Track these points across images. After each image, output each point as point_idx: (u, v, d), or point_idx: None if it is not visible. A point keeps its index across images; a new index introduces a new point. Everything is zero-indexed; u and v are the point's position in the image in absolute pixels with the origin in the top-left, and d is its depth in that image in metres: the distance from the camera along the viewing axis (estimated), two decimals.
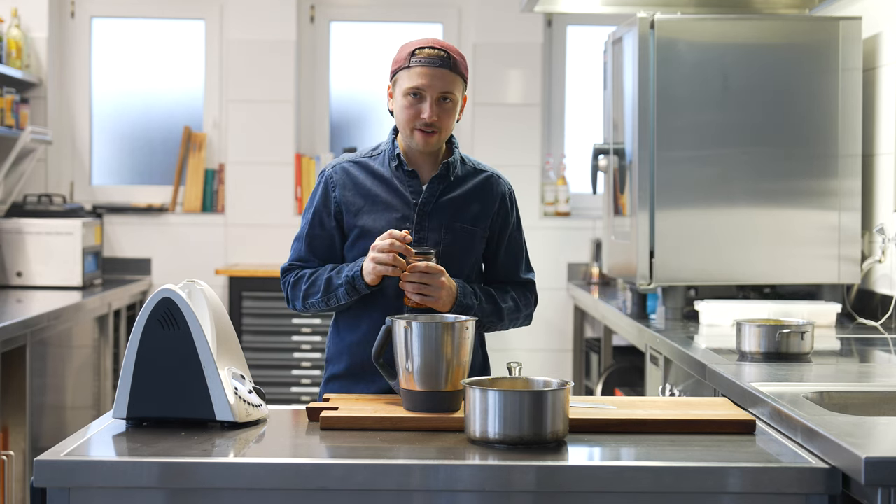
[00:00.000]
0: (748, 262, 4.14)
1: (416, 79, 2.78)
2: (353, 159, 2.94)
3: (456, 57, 2.81)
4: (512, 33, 6.31)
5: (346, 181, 2.90)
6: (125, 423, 2.39)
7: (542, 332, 6.35)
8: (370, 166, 2.90)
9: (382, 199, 2.86)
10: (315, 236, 2.90)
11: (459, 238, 2.85)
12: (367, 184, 2.88)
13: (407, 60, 2.80)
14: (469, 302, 2.78)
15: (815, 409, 2.35)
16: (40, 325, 4.43)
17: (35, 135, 5.69)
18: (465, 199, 2.87)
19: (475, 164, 2.95)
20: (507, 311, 2.89)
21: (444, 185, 2.87)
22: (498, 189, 2.92)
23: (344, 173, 2.90)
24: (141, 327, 2.38)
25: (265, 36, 6.30)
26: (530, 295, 2.97)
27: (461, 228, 2.86)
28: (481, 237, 2.88)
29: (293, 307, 2.91)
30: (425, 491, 2.08)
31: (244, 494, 2.09)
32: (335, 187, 2.90)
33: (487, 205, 2.89)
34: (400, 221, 2.84)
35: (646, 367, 3.93)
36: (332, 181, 2.90)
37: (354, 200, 2.88)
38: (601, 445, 2.25)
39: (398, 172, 2.87)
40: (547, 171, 6.42)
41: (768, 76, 4.12)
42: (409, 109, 2.80)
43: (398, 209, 2.85)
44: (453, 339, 2.43)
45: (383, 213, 2.85)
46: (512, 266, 2.95)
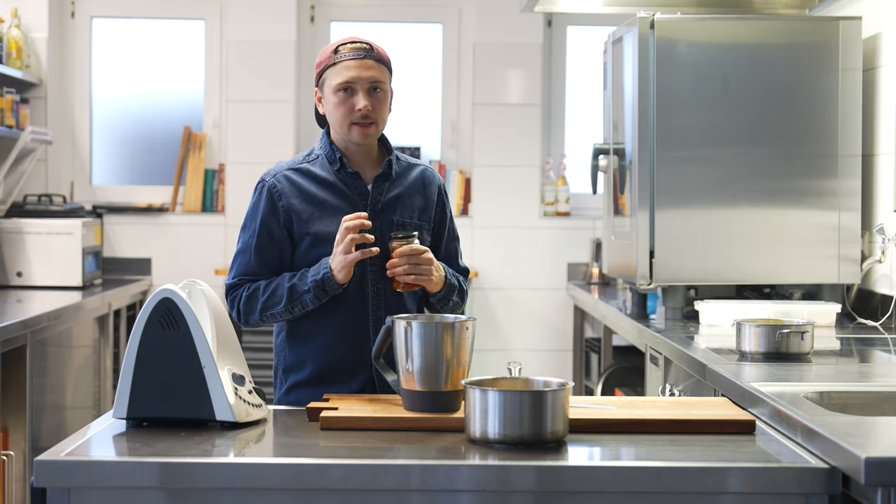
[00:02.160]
0: (748, 262, 4.14)
1: (345, 73, 2.80)
2: (292, 167, 2.93)
3: (380, 50, 2.85)
4: (512, 33, 6.30)
5: (290, 189, 2.88)
6: (125, 423, 2.39)
7: (542, 332, 6.35)
8: (312, 172, 2.90)
9: (331, 203, 2.86)
10: (264, 247, 2.87)
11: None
12: (313, 190, 2.88)
13: (332, 58, 2.83)
14: (452, 281, 2.87)
15: (815, 409, 2.35)
16: (40, 325, 4.43)
17: (35, 135, 5.69)
18: (409, 194, 2.91)
19: (406, 158, 2.99)
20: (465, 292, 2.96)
21: (387, 182, 2.90)
22: (434, 182, 2.98)
23: (287, 181, 2.88)
24: (141, 327, 2.38)
25: (265, 36, 6.30)
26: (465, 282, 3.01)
27: (411, 224, 2.89)
28: (427, 230, 2.92)
29: (245, 322, 2.87)
30: (425, 491, 2.08)
31: (244, 494, 2.09)
32: (280, 196, 2.87)
33: (428, 198, 2.94)
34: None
35: (646, 367, 3.93)
36: (275, 190, 2.88)
37: (303, 208, 2.86)
38: (601, 445, 2.25)
39: (341, 175, 2.88)
40: (547, 171, 6.42)
41: (768, 76, 4.12)
42: (342, 106, 2.82)
43: (348, 211, 2.84)
44: (453, 339, 2.43)
45: (335, 218, 2.84)
46: (453, 255, 3.01)
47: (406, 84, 6.53)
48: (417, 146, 6.38)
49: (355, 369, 2.84)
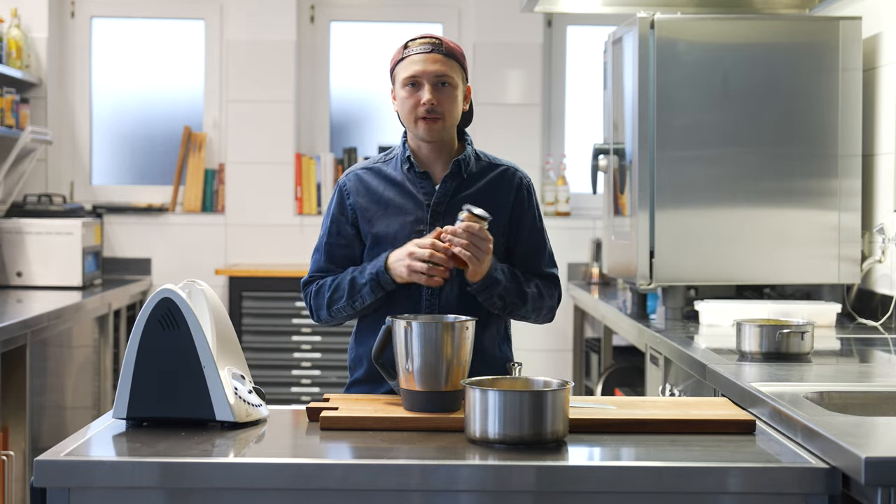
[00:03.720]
0: (748, 262, 4.13)
1: (411, 67, 2.79)
2: (367, 166, 2.94)
3: (450, 44, 2.82)
4: (512, 33, 6.30)
5: (359, 188, 2.89)
6: (125, 423, 2.39)
7: (542, 332, 6.35)
8: (383, 171, 2.90)
9: (395, 203, 2.86)
10: (334, 245, 2.90)
11: None
12: (380, 189, 2.88)
13: (401, 53, 2.82)
14: (498, 276, 2.77)
15: (815, 409, 2.35)
16: (40, 325, 4.43)
17: (35, 135, 5.69)
18: (479, 195, 2.85)
19: (491, 159, 2.93)
20: (531, 295, 2.84)
21: (456, 183, 2.85)
22: (513, 182, 2.90)
23: (357, 180, 2.90)
24: (141, 327, 2.38)
25: (265, 36, 6.30)
26: (553, 288, 2.92)
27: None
28: (498, 233, 2.84)
29: (318, 318, 2.90)
30: (425, 491, 2.08)
31: (244, 494, 2.09)
32: (349, 195, 2.89)
33: (502, 199, 2.87)
34: (413, 224, 2.83)
35: (646, 367, 3.93)
36: (345, 189, 2.90)
37: (369, 207, 2.87)
38: (601, 445, 2.25)
39: (410, 175, 2.86)
40: (547, 171, 6.42)
41: (768, 76, 4.12)
42: (408, 99, 2.80)
43: (411, 212, 2.84)
44: (453, 339, 2.43)
45: (396, 218, 2.84)
46: (533, 259, 2.91)
47: None
48: None
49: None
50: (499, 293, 2.78)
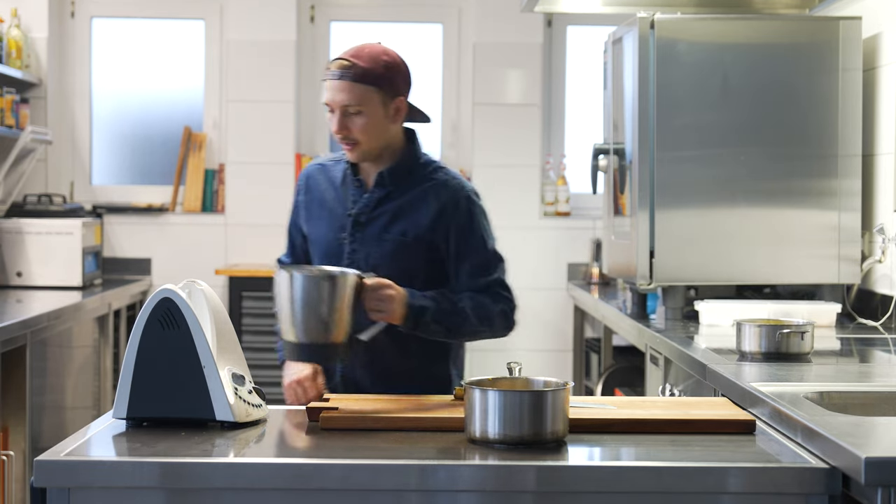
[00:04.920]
0: (748, 262, 4.13)
1: (326, 93, 2.78)
2: (323, 162, 2.96)
3: (363, 65, 2.74)
4: (512, 33, 6.30)
5: (309, 185, 2.93)
6: (125, 423, 2.39)
7: (542, 332, 6.35)
8: (329, 171, 2.91)
9: (329, 206, 2.87)
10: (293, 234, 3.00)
11: (391, 249, 2.79)
12: (322, 189, 2.90)
13: (324, 73, 2.81)
14: (423, 304, 2.69)
15: (815, 409, 2.35)
16: (40, 325, 4.43)
17: (35, 135, 5.69)
18: (403, 208, 2.81)
19: (434, 168, 2.86)
20: (471, 307, 2.75)
21: (382, 193, 2.82)
22: (440, 195, 2.81)
23: (308, 178, 2.94)
24: (141, 327, 2.38)
25: (265, 36, 6.30)
26: (497, 294, 2.82)
27: (393, 239, 2.80)
28: (415, 246, 2.79)
29: None
30: (425, 491, 2.08)
31: (244, 494, 2.09)
32: (299, 191, 2.95)
33: (424, 213, 2.80)
34: (337, 231, 2.84)
35: (646, 367, 3.93)
36: (300, 185, 2.96)
37: (310, 206, 2.91)
38: (601, 445, 2.25)
39: (348, 179, 2.87)
40: (547, 171, 6.42)
41: (768, 76, 4.12)
42: (329, 123, 2.79)
43: (339, 218, 2.85)
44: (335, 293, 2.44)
45: (325, 222, 2.86)
46: (470, 272, 2.81)
47: None
48: None
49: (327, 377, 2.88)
50: (432, 318, 2.70)
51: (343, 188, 2.87)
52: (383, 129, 2.79)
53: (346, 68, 2.74)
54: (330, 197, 2.87)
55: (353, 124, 2.75)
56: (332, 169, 2.91)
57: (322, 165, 2.94)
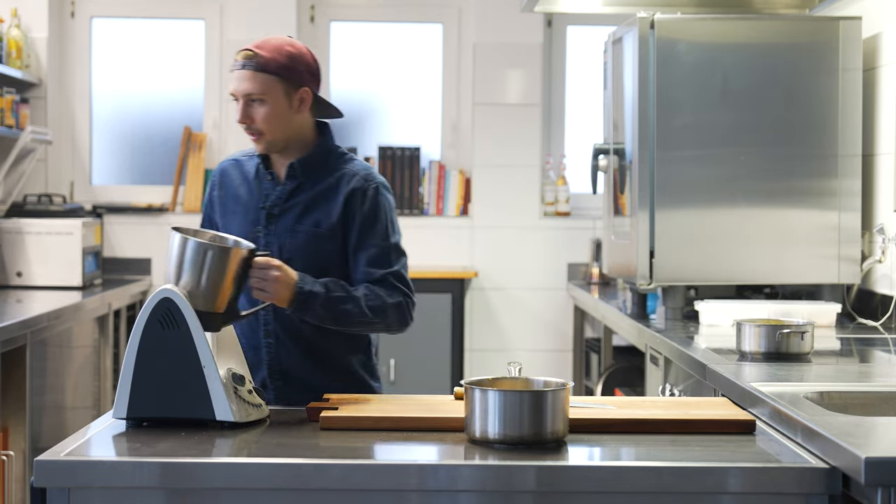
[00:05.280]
0: (748, 262, 4.13)
1: (231, 83, 2.81)
2: (236, 157, 2.97)
3: (266, 54, 2.78)
4: (512, 33, 6.30)
5: (222, 180, 2.95)
6: (125, 423, 2.39)
7: (542, 332, 6.35)
8: (243, 166, 2.93)
9: (243, 201, 2.89)
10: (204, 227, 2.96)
11: (304, 241, 2.81)
12: (236, 184, 2.91)
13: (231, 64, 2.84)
14: (314, 289, 2.66)
15: (815, 409, 2.35)
16: (40, 325, 4.43)
17: (35, 135, 5.68)
18: (314, 199, 2.83)
19: (344, 160, 2.88)
20: (364, 297, 2.73)
21: (293, 185, 2.84)
22: (346, 187, 2.83)
23: (221, 173, 2.95)
24: (141, 327, 2.38)
25: (265, 36, 6.28)
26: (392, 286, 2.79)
27: (306, 230, 2.81)
28: (327, 238, 2.81)
29: None
30: (425, 491, 2.08)
31: (244, 494, 2.09)
32: (214, 187, 2.95)
33: (334, 205, 2.82)
34: (251, 225, 2.85)
35: (646, 367, 3.93)
36: (214, 181, 2.96)
37: (225, 201, 2.92)
38: (601, 445, 2.25)
39: (261, 173, 2.88)
40: (547, 171, 6.42)
41: (768, 76, 4.12)
42: (237, 112, 2.82)
43: (252, 212, 2.86)
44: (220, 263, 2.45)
45: (239, 216, 2.87)
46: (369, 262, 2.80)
47: (406, 84, 6.54)
48: (417, 146, 6.38)
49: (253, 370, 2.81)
50: (321, 304, 2.68)
51: (256, 182, 2.89)
52: (287, 120, 2.81)
53: (250, 58, 2.78)
54: (243, 192, 2.89)
55: (256, 114, 2.78)
56: (246, 164, 2.93)
57: (236, 161, 2.96)
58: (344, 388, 2.82)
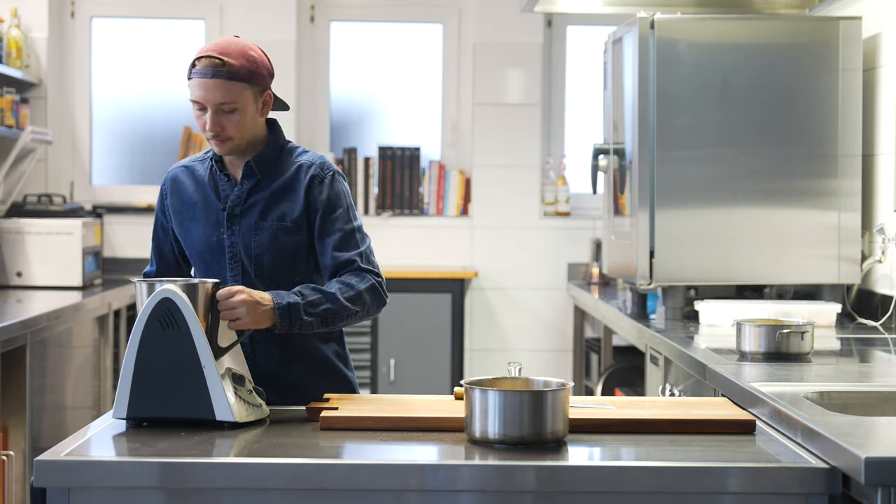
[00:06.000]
0: (748, 262, 4.13)
1: (196, 90, 2.76)
2: (186, 164, 2.94)
3: (235, 62, 2.75)
4: (512, 33, 6.30)
5: (174, 188, 2.91)
6: (125, 423, 2.39)
7: (542, 332, 6.35)
8: (196, 172, 2.91)
9: (200, 206, 2.87)
10: (160, 239, 2.97)
11: (270, 237, 2.80)
12: (190, 191, 2.89)
13: (189, 71, 2.80)
14: (289, 299, 2.64)
15: (815, 409, 2.35)
16: (40, 325, 4.43)
17: (35, 135, 5.68)
18: (274, 195, 2.82)
19: (295, 154, 2.87)
20: (339, 291, 2.71)
21: (251, 183, 2.83)
22: (304, 178, 2.82)
23: (173, 181, 2.92)
24: (141, 327, 2.38)
25: (265, 36, 6.29)
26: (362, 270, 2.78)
27: (270, 226, 2.80)
28: (293, 231, 2.80)
29: None
30: (425, 491, 2.08)
31: (244, 494, 2.09)
32: (166, 195, 2.93)
33: (295, 198, 2.81)
34: (214, 227, 2.83)
35: (646, 367, 3.93)
36: (164, 188, 2.94)
37: (180, 208, 2.90)
38: (601, 445, 2.25)
39: (216, 176, 2.86)
40: (547, 171, 6.42)
41: (768, 76, 4.12)
42: (198, 120, 2.79)
43: (212, 215, 2.84)
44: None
45: (200, 222, 2.85)
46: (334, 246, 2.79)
47: (406, 84, 6.54)
48: (417, 146, 6.38)
49: None
50: (305, 312, 2.66)
51: (212, 185, 2.87)
52: (254, 124, 2.81)
53: (219, 66, 2.75)
54: (199, 197, 2.87)
55: (227, 122, 2.76)
56: (198, 169, 2.91)
57: (186, 167, 2.93)
58: (321, 380, 2.82)
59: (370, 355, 6.04)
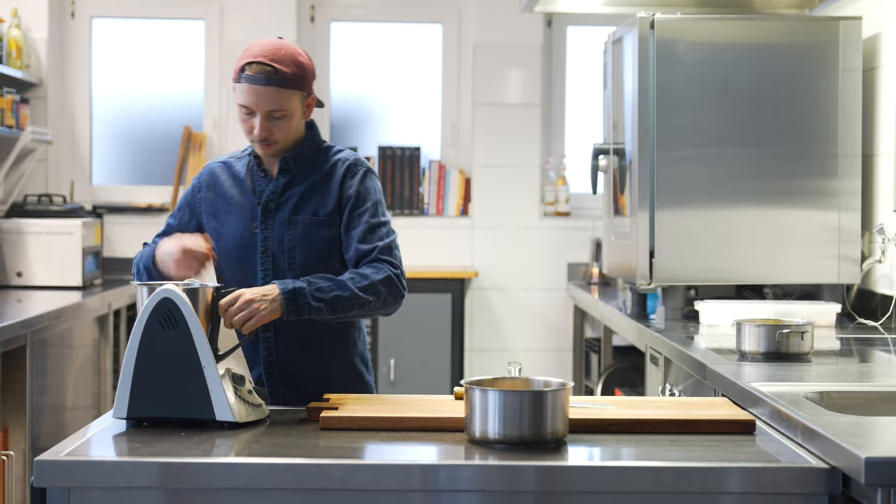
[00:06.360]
0: (748, 262, 4.13)
1: (244, 96, 2.78)
2: (223, 160, 2.98)
3: (286, 69, 2.77)
4: (512, 33, 6.30)
5: (210, 182, 2.94)
6: (125, 423, 2.39)
7: (542, 332, 6.35)
8: (233, 168, 2.94)
9: (235, 200, 2.89)
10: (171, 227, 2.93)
11: (303, 231, 2.83)
12: (226, 185, 2.91)
13: (237, 75, 2.81)
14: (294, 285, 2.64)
15: (815, 409, 2.35)
16: (40, 325, 4.43)
17: (35, 135, 5.68)
18: (309, 190, 2.85)
19: (331, 151, 2.91)
20: (350, 280, 2.71)
21: (287, 179, 2.86)
22: (339, 171, 2.86)
23: (210, 175, 2.94)
24: (141, 327, 2.39)
25: (265, 36, 6.28)
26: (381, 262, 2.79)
27: (303, 220, 2.83)
28: (327, 225, 2.83)
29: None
30: (425, 491, 2.08)
31: (244, 494, 2.09)
32: (201, 188, 2.94)
33: (331, 190, 2.85)
34: (248, 222, 2.85)
35: (646, 367, 3.93)
36: (200, 182, 2.95)
37: (214, 202, 2.92)
38: (601, 445, 2.25)
39: (252, 172, 2.89)
40: (547, 171, 6.42)
41: (768, 76, 4.12)
42: (244, 123, 2.81)
43: (247, 210, 2.86)
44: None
45: (234, 216, 2.87)
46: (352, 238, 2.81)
47: (406, 84, 6.54)
48: (417, 146, 6.38)
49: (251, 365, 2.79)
50: (312, 297, 2.65)
51: (248, 180, 2.89)
52: (299, 126, 2.86)
53: (271, 74, 2.76)
54: (235, 192, 2.90)
55: (275, 127, 2.79)
56: (235, 165, 2.94)
57: (224, 163, 2.96)
58: (343, 383, 2.83)
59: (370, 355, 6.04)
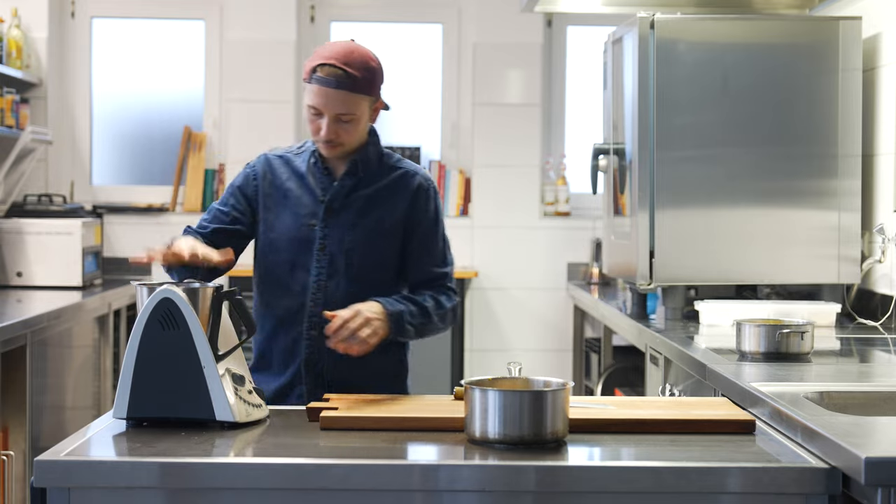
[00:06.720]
0: (748, 262, 4.13)
1: (314, 97, 2.78)
2: (279, 153, 2.97)
3: (357, 73, 2.76)
4: (512, 33, 6.30)
5: (267, 172, 2.94)
6: (125, 423, 2.39)
7: (542, 332, 6.35)
8: (292, 162, 2.94)
9: (294, 195, 2.89)
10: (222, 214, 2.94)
11: (365, 235, 2.84)
12: (284, 178, 2.91)
13: (308, 75, 2.80)
14: (397, 307, 2.76)
15: (815, 409, 2.35)
16: (40, 325, 4.43)
17: (35, 135, 5.68)
18: (376, 196, 2.86)
19: (395, 161, 2.93)
20: (432, 308, 2.84)
21: (353, 181, 2.87)
22: (411, 185, 2.89)
23: (266, 164, 2.94)
24: (141, 327, 2.38)
25: (265, 36, 6.30)
26: (446, 289, 2.91)
27: (367, 226, 2.85)
28: (390, 234, 2.86)
29: None
30: (425, 491, 2.08)
31: (244, 494, 2.09)
32: (256, 177, 2.94)
33: (398, 201, 2.87)
34: (307, 218, 2.86)
35: (646, 367, 3.93)
36: (255, 171, 2.95)
37: (271, 193, 2.91)
38: (601, 445, 2.25)
39: (314, 169, 2.89)
40: (547, 171, 6.42)
41: (768, 76, 4.12)
42: (311, 123, 2.82)
43: (307, 206, 2.87)
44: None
45: (292, 210, 2.88)
46: (424, 257, 2.89)
47: (406, 84, 6.54)
48: (417, 146, 6.38)
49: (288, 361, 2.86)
50: (408, 322, 2.79)
51: (310, 177, 2.89)
52: (364, 130, 2.87)
53: (342, 77, 2.76)
54: (294, 186, 2.90)
55: (343, 130, 2.80)
56: (295, 160, 2.94)
57: (280, 156, 2.96)
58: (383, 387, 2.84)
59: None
